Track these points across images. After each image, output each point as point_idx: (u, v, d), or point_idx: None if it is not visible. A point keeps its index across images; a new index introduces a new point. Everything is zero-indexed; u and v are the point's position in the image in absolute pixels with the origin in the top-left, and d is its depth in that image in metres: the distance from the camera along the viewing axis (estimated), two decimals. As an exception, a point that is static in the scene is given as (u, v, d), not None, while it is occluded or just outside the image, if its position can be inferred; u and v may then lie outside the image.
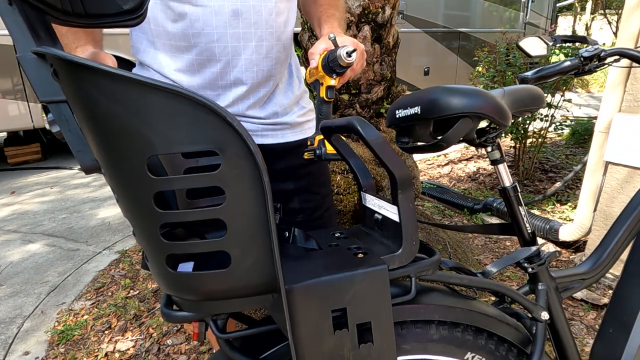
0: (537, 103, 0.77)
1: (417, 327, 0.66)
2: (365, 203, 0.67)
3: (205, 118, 0.41)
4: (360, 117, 0.57)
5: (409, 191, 0.56)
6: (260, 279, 0.47)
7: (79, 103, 0.41)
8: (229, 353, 0.57)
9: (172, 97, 0.40)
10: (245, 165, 0.43)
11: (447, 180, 3.73)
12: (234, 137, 0.41)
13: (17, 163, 5.01)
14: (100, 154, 0.44)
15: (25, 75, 0.43)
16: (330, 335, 0.53)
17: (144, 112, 0.40)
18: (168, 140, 0.41)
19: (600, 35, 11.80)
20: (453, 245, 2.25)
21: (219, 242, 0.45)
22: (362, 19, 1.91)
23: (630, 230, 0.91)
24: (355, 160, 0.69)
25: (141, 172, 0.42)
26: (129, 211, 0.46)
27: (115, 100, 0.39)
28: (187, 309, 0.52)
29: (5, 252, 2.75)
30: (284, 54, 0.96)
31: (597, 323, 1.82)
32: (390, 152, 0.55)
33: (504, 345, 0.73)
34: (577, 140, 4.50)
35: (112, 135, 0.41)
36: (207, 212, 0.44)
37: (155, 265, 0.47)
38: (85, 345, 1.86)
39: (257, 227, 0.45)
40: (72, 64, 0.39)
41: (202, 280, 0.47)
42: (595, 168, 2.12)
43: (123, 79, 0.39)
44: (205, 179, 0.43)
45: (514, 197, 0.80)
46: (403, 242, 0.56)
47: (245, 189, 0.43)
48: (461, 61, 6.78)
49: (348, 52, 0.78)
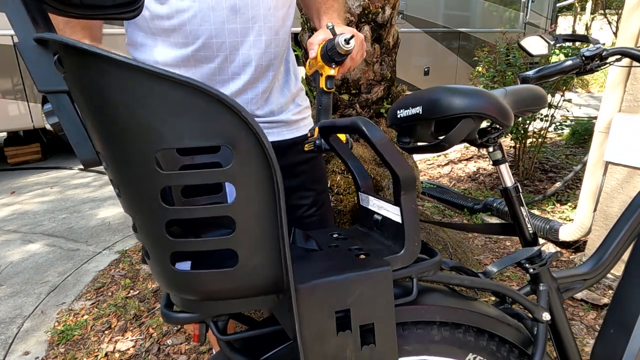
0: (539, 103, 0.77)
1: (418, 328, 0.65)
2: (364, 203, 0.67)
3: (218, 111, 0.39)
4: (364, 118, 0.57)
5: (412, 192, 0.56)
6: (266, 279, 0.47)
7: (84, 93, 0.40)
8: (229, 354, 0.57)
9: (184, 88, 0.38)
10: (257, 162, 0.41)
11: (447, 180, 3.73)
12: (247, 132, 0.40)
13: (17, 163, 5.00)
14: (105, 147, 0.42)
15: (25, 63, 0.40)
16: (334, 336, 0.53)
17: (154, 103, 0.38)
18: (178, 133, 0.39)
19: (600, 35, 11.79)
20: (453, 245, 2.24)
21: (227, 240, 0.44)
22: (362, 19, 1.90)
23: (632, 231, 0.91)
24: (353, 161, 0.68)
25: (149, 166, 0.40)
26: (132, 207, 0.44)
27: (124, 90, 0.38)
28: (186, 309, 0.51)
29: (5, 252, 2.75)
30: (282, 48, 0.96)
31: (598, 323, 1.81)
32: (395, 153, 0.54)
33: (506, 346, 0.72)
34: (577, 140, 4.50)
35: (119, 128, 0.40)
36: (215, 209, 0.43)
37: (158, 263, 0.46)
38: (85, 345, 1.86)
39: (266, 226, 0.44)
40: (79, 51, 0.37)
41: (205, 279, 0.46)
42: (595, 168, 2.12)
43: (133, 68, 0.37)
44: (216, 174, 0.42)
45: (516, 198, 0.80)
46: (405, 242, 0.56)
47: (256, 186, 0.42)
48: (461, 61, 6.77)
49: (346, 39, 0.78)
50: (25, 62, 0.41)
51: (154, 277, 0.49)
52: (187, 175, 0.42)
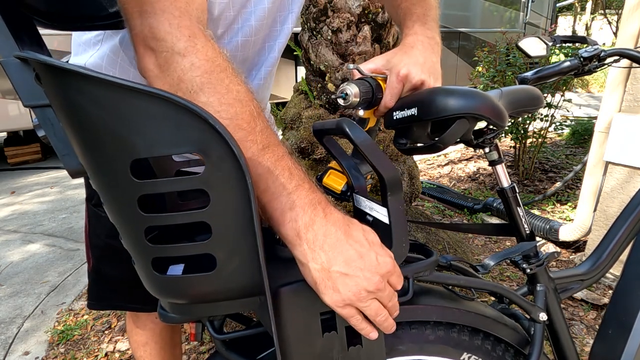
0: (535, 103, 0.77)
1: (412, 328, 0.66)
2: (357, 205, 0.67)
3: (188, 120, 0.40)
4: (348, 119, 0.56)
5: (399, 193, 0.55)
6: (246, 282, 0.47)
7: (62, 107, 0.41)
8: (225, 353, 0.57)
9: (154, 99, 0.39)
10: (230, 168, 0.42)
11: (447, 180, 3.73)
12: (218, 139, 0.41)
13: (17, 163, 5.01)
14: (84, 158, 0.43)
15: (9, 79, 0.42)
16: (319, 337, 0.53)
17: (126, 115, 0.39)
18: (151, 143, 0.40)
19: (600, 35, 11.79)
20: (453, 245, 2.24)
21: (204, 245, 0.44)
22: (362, 19, 1.90)
23: (630, 231, 0.91)
24: (347, 162, 0.68)
25: (125, 176, 0.41)
26: (113, 215, 0.45)
27: (97, 103, 0.39)
28: (174, 312, 0.51)
29: (5, 252, 2.75)
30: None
31: (597, 323, 1.81)
32: (379, 154, 0.54)
33: (501, 345, 0.72)
34: (577, 140, 4.49)
35: (94, 139, 0.41)
36: (191, 215, 0.43)
37: (142, 268, 0.47)
38: (85, 345, 1.87)
39: (242, 230, 0.44)
40: (53, 68, 0.39)
41: (188, 283, 0.47)
42: (595, 168, 2.11)
43: (103, 82, 0.38)
44: (190, 181, 0.42)
45: (512, 198, 0.80)
46: (393, 244, 0.55)
47: (229, 192, 0.43)
48: (461, 61, 6.77)
49: (343, 95, 0.65)
50: (10, 78, 0.42)
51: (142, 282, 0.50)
52: (160, 183, 0.43)
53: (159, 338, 1.05)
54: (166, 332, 1.06)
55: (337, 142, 0.68)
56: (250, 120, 0.48)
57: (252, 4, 0.69)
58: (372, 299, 0.49)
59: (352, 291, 0.48)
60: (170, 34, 0.49)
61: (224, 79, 0.49)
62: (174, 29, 0.49)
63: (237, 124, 0.48)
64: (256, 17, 0.70)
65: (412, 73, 0.68)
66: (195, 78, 0.48)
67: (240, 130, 0.48)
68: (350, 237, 0.49)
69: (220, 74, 0.49)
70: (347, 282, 0.48)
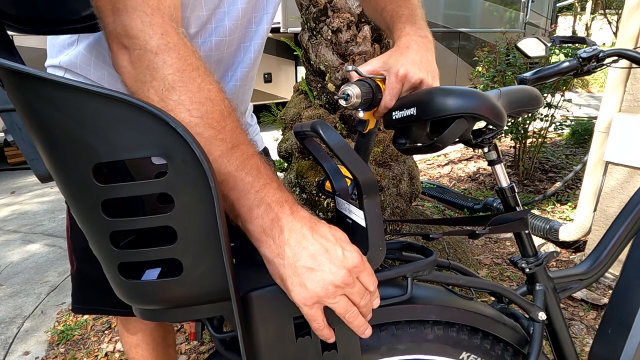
0: (534, 104, 0.77)
1: (411, 327, 0.66)
2: (338, 207, 0.66)
3: (149, 123, 0.39)
4: (322, 120, 0.56)
5: (375, 196, 0.54)
6: (214, 287, 0.46)
7: (23, 111, 0.41)
8: (224, 352, 0.57)
9: (113, 102, 0.38)
10: (193, 172, 0.41)
11: (447, 180, 3.73)
12: (180, 142, 0.40)
13: (17, 163, 5.01)
14: (48, 163, 0.43)
15: None
16: (292, 343, 0.52)
17: (85, 119, 0.39)
18: (113, 147, 0.40)
19: (600, 35, 11.79)
20: (453, 245, 2.25)
21: (169, 250, 0.43)
22: (362, 19, 1.91)
23: (629, 230, 0.91)
24: (329, 164, 0.67)
25: (88, 180, 0.40)
26: (79, 219, 0.45)
27: (55, 107, 0.38)
28: (144, 317, 0.50)
29: (5, 252, 2.75)
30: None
31: (597, 323, 1.81)
32: (353, 156, 0.53)
33: (500, 344, 0.73)
34: (577, 140, 4.50)
35: (56, 144, 0.40)
36: (155, 219, 0.43)
37: (110, 274, 0.46)
38: (85, 345, 1.87)
39: (208, 235, 0.43)
40: (10, 72, 0.38)
41: (156, 288, 0.46)
42: (595, 168, 2.12)
43: (60, 86, 0.38)
44: (154, 185, 0.42)
45: (511, 198, 0.80)
46: (369, 248, 0.54)
47: (194, 196, 0.42)
48: (461, 61, 6.77)
49: (344, 96, 0.66)
50: None
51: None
52: (124, 187, 0.42)
53: (150, 339, 1.04)
54: (157, 333, 1.05)
55: (319, 143, 0.67)
56: (221, 119, 0.49)
57: (226, 5, 0.70)
58: (341, 295, 0.49)
59: (319, 286, 0.47)
60: (143, 31, 0.49)
61: (196, 78, 0.49)
62: (146, 27, 0.49)
63: (207, 122, 0.48)
64: (230, 18, 0.71)
65: (410, 72, 0.69)
66: (167, 76, 0.48)
67: (210, 129, 0.48)
68: (315, 232, 0.49)
69: (192, 73, 0.49)
70: (313, 277, 0.47)
